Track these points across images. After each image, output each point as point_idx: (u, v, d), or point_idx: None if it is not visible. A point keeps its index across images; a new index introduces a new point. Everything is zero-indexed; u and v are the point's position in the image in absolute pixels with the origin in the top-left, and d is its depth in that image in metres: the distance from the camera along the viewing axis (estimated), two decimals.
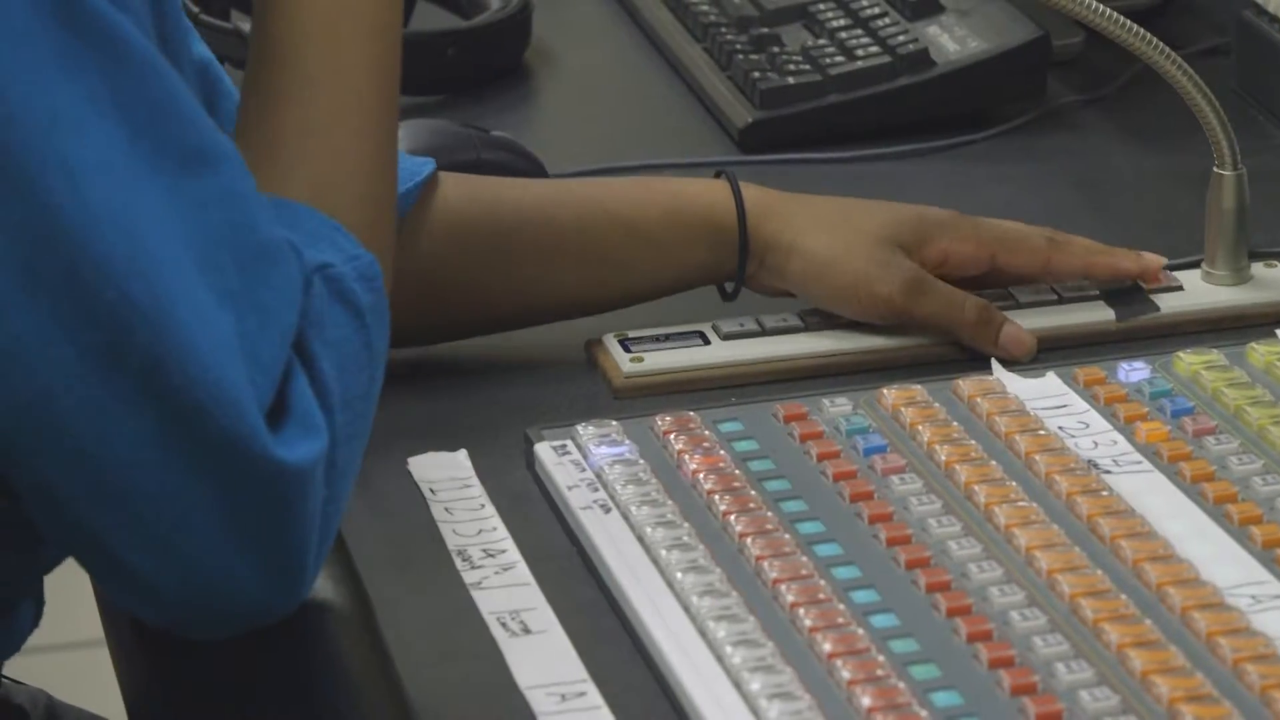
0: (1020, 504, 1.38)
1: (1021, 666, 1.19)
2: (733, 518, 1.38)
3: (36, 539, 1.40)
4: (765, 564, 1.32)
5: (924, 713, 1.15)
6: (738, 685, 1.19)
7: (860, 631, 1.23)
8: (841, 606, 1.26)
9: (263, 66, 1.47)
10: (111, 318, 1.25)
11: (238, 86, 1.47)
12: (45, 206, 1.24)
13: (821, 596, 1.27)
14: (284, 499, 1.30)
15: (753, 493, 1.41)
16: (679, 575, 1.32)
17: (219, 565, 1.31)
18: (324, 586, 1.39)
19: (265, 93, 1.47)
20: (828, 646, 1.21)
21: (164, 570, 1.30)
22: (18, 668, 1.54)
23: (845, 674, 1.18)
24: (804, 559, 1.32)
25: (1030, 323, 1.65)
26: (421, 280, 1.57)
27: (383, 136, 1.49)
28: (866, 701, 1.15)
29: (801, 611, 1.25)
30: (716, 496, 1.41)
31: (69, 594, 1.54)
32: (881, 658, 1.21)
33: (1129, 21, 1.67)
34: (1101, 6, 1.69)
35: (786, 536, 1.35)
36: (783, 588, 1.29)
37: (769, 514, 1.38)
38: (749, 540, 1.35)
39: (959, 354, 1.62)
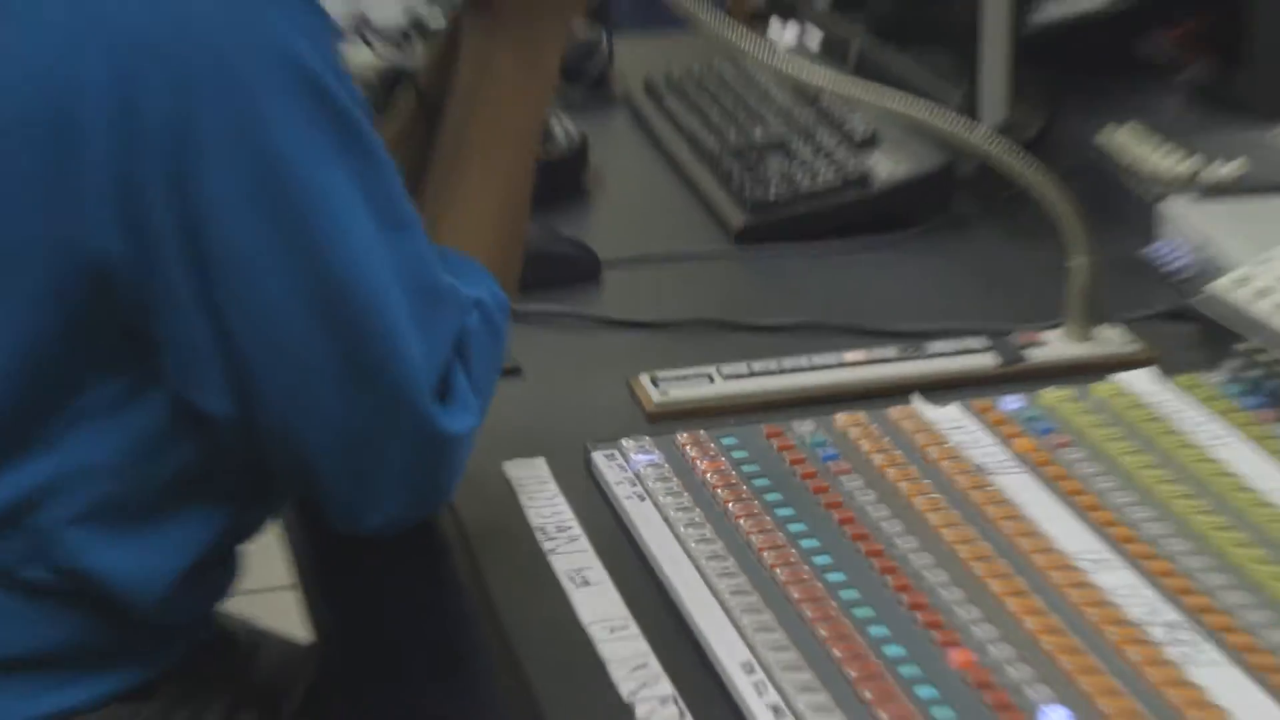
0: (931, 496, 1.42)
1: (932, 608, 1.24)
2: (730, 505, 1.42)
3: (274, 492, 1.47)
4: (753, 537, 1.36)
5: (859, 638, 1.20)
6: (733, 620, 1.24)
7: (818, 585, 1.28)
8: (805, 567, 1.30)
9: (454, 154, 1.52)
10: (357, 332, 1.31)
11: None
12: (323, 254, 1.29)
13: (791, 559, 1.32)
14: (444, 453, 1.38)
15: (745, 489, 1.45)
16: (693, 545, 1.37)
17: (391, 494, 1.39)
18: (451, 547, 1.46)
19: (451, 172, 1.51)
20: (795, 594, 1.25)
21: (352, 496, 1.39)
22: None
23: (808, 613, 1.23)
24: (779, 535, 1.36)
25: (937, 367, 1.68)
26: None
27: (522, 212, 1.54)
28: (821, 632, 1.21)
29: (778, 571, 1.29)
30: (719, 491, 1.45)
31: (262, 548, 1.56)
32: (833, 604, 1.25)
33: (1008, 149, 1.71)
34: (988, 141, 1.74)
35: (768, 519, 1.39)
36: (765, 554, 1.33)
37: (756, 503, 1.42)
38: (741, 520, 1.39)
39: (894, 391, 1.64)
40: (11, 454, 1.36)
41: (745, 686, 1.17)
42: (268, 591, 1.61)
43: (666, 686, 1.19)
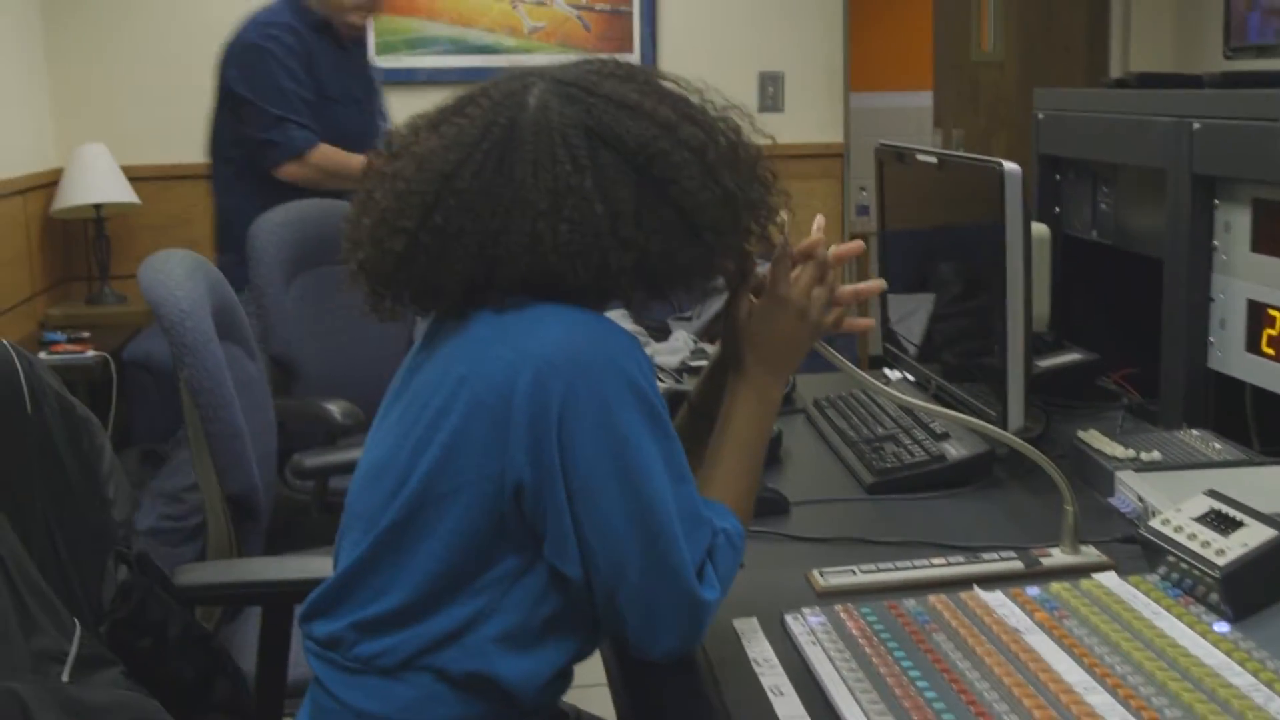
0: (986, 645, 1.38)
1: (987, 711, 1.19)
2: (868, 651, 1.38)
3: (599, 630, 1.44)
4: (881, 670, 1.33)
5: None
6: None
7: (919, 699, 1.24)
8: (912, 689, 1.27)
9: (715, 448, 1.50)
10: (654, 534, 1.33)
11: None
12: (639, 489, 1.33)
13: (905, 685, 1.29)
14: (700, 615, 1.37)
15: (877, 641, 1.41)
16: (847, 675, 1.33)
17: (668, 637, 1.37)
18: (701, 669, 1.42)
19: (713, 457, 1.50)
20: (906, 705, 1.22)
21: (644, 633, 1.37)
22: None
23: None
24: (897, 668, 1.33)
25: (987, 568, 1.62)
26: None
27: (754, 479, 1.52)
28: None
29: (896, 691, 1.27)
30: (861, 642, 1.41)
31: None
32: (930, 712, 1.22)
33: (1025, 443, 1.67)
34: (1013, 439, 1.71)
35: (890, 659, 1.36)
36: (888, 680, 1.30)
37: (883, 650, 1.38)
38: (874, 661, 1.35)
39: (962, 582, 1.59)
40: (454, 597, 1.39)
41: None
42: (589, 687, 1.57)
43: None
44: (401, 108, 5.36)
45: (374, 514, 1.42)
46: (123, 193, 4.74)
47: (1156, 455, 1.95)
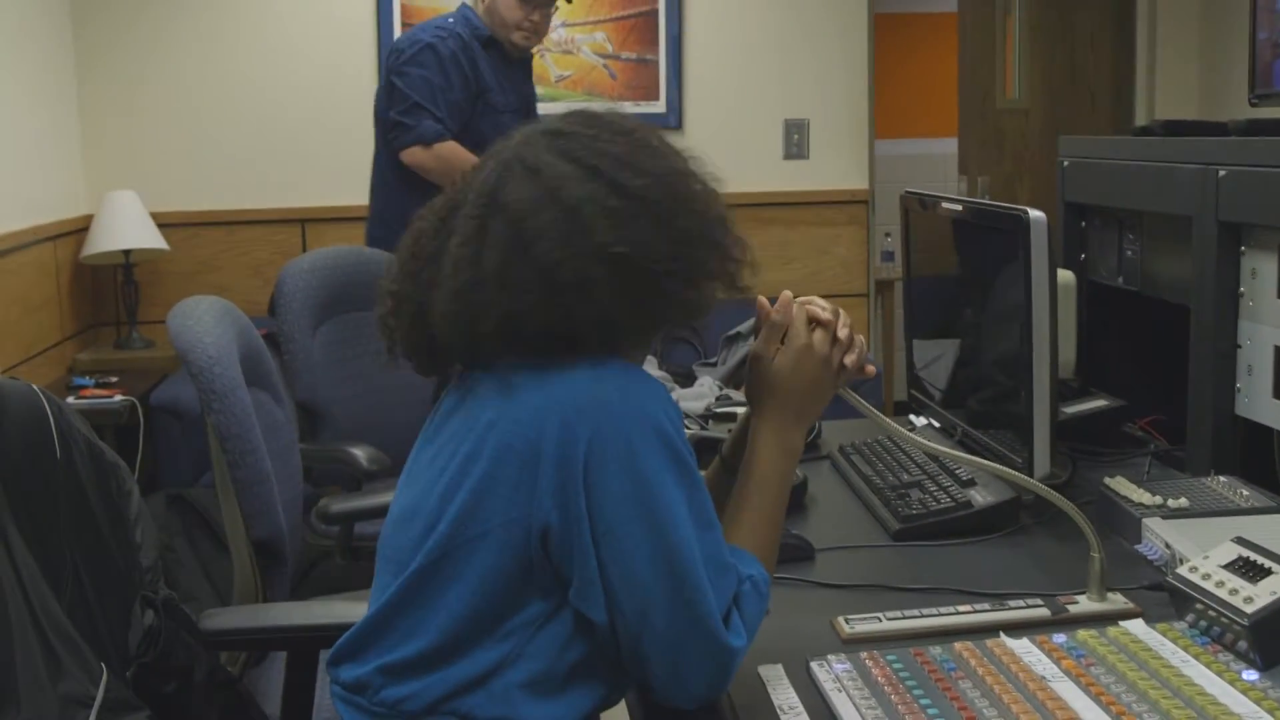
0: (1013, 693, 1.37)
1: None
2: (893, 698, 1.38)
3: (625, 677, 1.43)
4: (908, 717, 1.32)
5: None
6: None
7: None
8: None
9: (740, 494, 1.51)
10: (680, 580, 1.33)
11: None
12: (665, 535, 1.34)
13: None
14: (726, 662, 1.37)
15: (901, 688, 1.40)
16: (866, 712, 1.33)
17: (694, 684, 1.37)
18: (725, 716, 1.42)
19: (739, 503, 1.50)
20: None
21: (670, 680, 1.37)
22: None
23: None
24: (922, 717, 1.33)
25: (1014, 615, 1.61)
26: None
27: (778, 525, 1.52)
28: None
29: None
30: (886, 689, 1.40)
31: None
32: None
33: (1051, 490, 1.67)
34: (1040, 485, 1.70)
35: (916, 707, 1.35)
36: (906, 715, 1.30)
37: (909, 697, 1.38)
38: (899, 707, 1.35)
39: (989, 629, 1.58)
40: (480, 642, 1.39)
41: None
42: None
43: None
44: None
45: (403, 558, 1.43)
46: (152, 239, 4.78)
47: (1184, 502, 1.94)
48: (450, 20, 3.95)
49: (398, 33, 5.01)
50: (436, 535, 1.40)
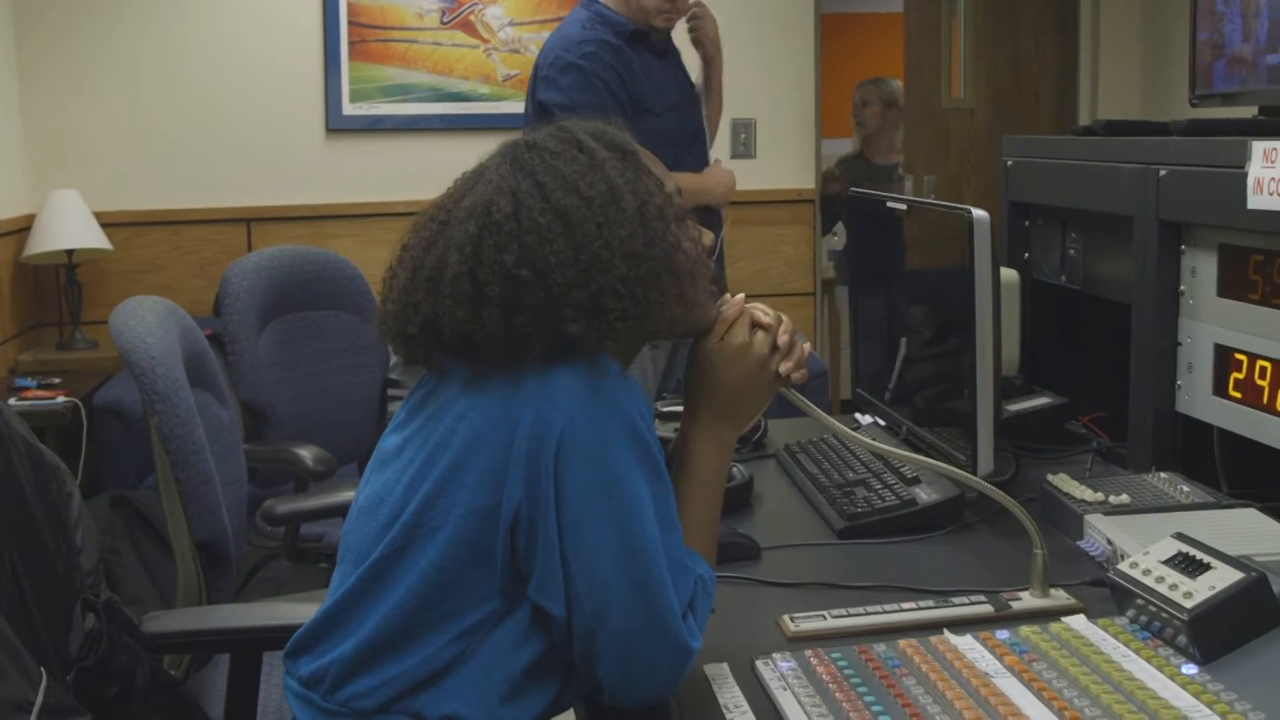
0: (956, 689, 1.38)
1: None
2: (838, 695, 1.38)
3: (578, 680, 1.43)
4: (853, 714, 1.32)
5: None
6: None
7: None
8: None
9: (680, 492, 1.49)
10: (642, 576, 1.34)
11: None
12: (630, 528, 1.34)
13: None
14: (683, 662, 1.38)
15: (846, 686, 1.41)
16: (815, 717, 1.34)
17: (647, 684, 1.38)
18: (673, 714, 1.41)
19: (685, 492, 1.50)
20: None
21: (622, 679, 1.37)
22: None
23: None
24: (866, 714, 1.33)
25: (958, 612, 1.62)
26: None
27: (716, 521, 1.53)
28: None
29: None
30: (831, 687, 1.41)
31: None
32: None
33: (994, 487, 1.68)
34: (983, 483, 1.71)
35: (860, 704, 1.35)
36: (850, 713, 1.30)
37: (853, 694, 1.38)
38: (844, 705, 1.35)
39: (933, 626, 1.59)
40: (431, 639, 1.39)
41: None
42: None
43: None
44: (374, 155, 5.41)
45: (365, 548, 1.43)
46: (95, 239, 4.72)
47: (1125, 498, 1.96)
48: (587, 28, 3.65)
49: (344, 30, 4.99)
50: (399, 525, 1.40)
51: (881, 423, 2.48)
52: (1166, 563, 1.53)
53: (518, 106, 5.10)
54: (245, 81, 5.03)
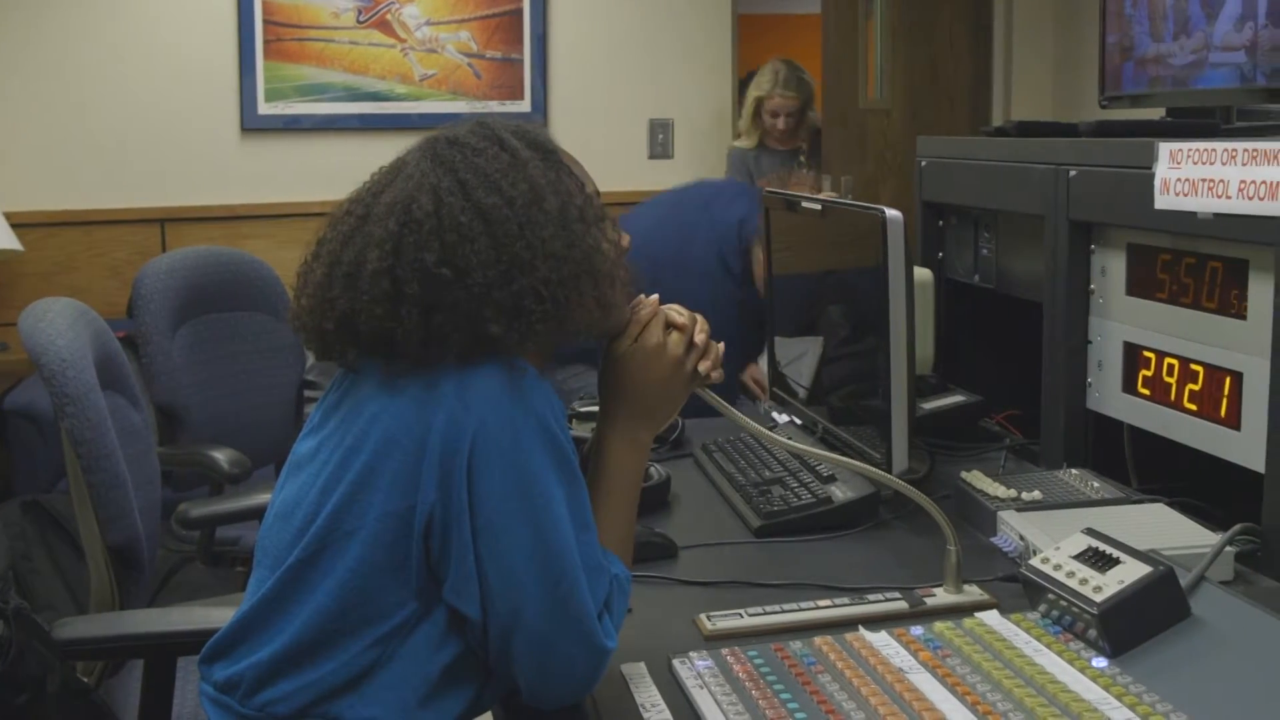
0: (871, 685, 1.39)
1: None
2: (754, 693, 1.39)
3: (495, 681, 1.43)
4: (767, 712, 1.33)
5: None
6: None
7: None
8: None
9: (595, 491, 1.48)
10: (556, 576, 1.34)
11: None
12: (543, 528, 1.33)
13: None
14: (599, 663, 1.38)
15: (762, 683, 1.41)
16: (732, 716, 1.34)
17: (563, 684, 1.38)
18: (589, 714, 1.41)
19: (600, 492, 1.49)
20: None
21: (538, 679, 1.37)
22: None
23: None
24: (783, 710, 1.34)
25: (873, 609, 1.64)
26: None
27: (632, 522, 1.53)
28: None
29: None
30: (747, 685, 1.41)
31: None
32: None
33: (909, 485, 1.70)
34: (898, 481, 1.73)
35: (776, 700, 1.36)
36: (766, 710, 1.31)
37: (769, 692, 1.39)
38: (760, 703, 1.36)
39: (849, 623, 1.60)
40: (348, 644, 1.38)
41: None
42: None
43: None
44: (290, 154, 5.36)
45: (281, 552, 1.42)
46: (5, 239, 4.63)
47: (1037, 495, 1.98)
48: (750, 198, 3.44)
49: (259, 29, 4.94)
50: (314, 529, 1.38)
51: (798, 421, 2.50)
52: (1077, 558, 1.55)
53: (434, 106, 5.14)
54: (159, 81, 4.95)
